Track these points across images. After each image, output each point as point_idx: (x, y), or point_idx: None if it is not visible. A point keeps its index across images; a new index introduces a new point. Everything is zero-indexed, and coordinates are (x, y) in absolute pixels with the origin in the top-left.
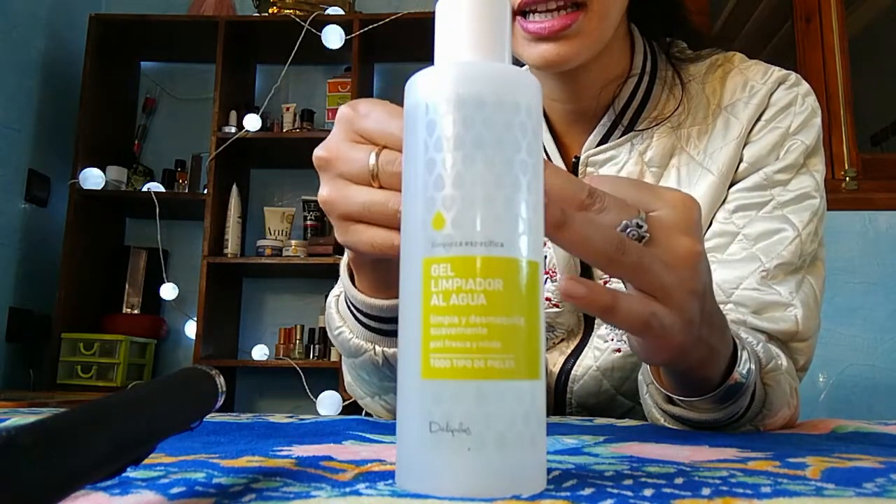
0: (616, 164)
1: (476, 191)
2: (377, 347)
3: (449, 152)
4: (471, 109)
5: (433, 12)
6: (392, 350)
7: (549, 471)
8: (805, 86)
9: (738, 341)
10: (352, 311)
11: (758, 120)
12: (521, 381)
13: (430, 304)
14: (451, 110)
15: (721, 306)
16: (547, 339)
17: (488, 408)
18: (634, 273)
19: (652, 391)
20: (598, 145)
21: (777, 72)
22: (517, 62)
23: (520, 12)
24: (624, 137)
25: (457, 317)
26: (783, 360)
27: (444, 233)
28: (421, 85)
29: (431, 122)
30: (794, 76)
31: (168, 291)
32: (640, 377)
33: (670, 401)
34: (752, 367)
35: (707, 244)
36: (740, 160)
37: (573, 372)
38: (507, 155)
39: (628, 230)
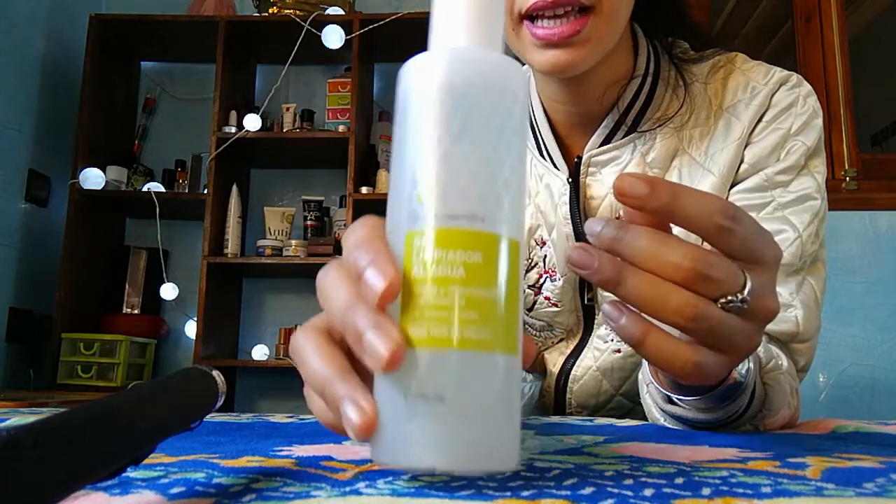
0: (618, 164)
1: (461, 168)
2: None
3: (437, 132)
4: (459, 93)
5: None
6: None
7: (549, 471)
8: (807, 87)
9: None
10: None
11: (759, 121)
12: (496, 355)
13: (411, 275)
14: (440, 93)
15: None
16: (546, 338)
17: (464, 377)
18: (705, 335)
19: (651, 391)
20: (601, 146)
21: (779, 73)
22: (519, 61)
23: (527, 17)
24: (627, 138)
25: (436, 287)
26: (784, 361)
27: (426, 207)
28: (413, 69)
29: (420, 104)
30: (795, 77)
31: (168, 291)
32: (639, 377)
33: (670, 401)
34: (751, 366)
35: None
36: (741, 161)
37: (573, 372)
38: (493, 137)
39: (731, 304)
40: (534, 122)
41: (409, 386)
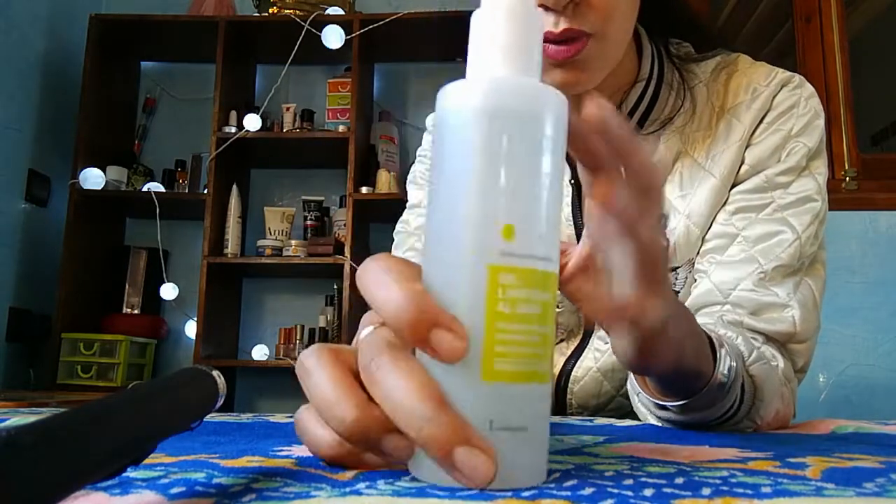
0: None
1: (540, 208)
2: None
3: (510, 167)
4: (518, 125)
5: (434, 13)
6: None
7: (549, 472)
8: (809, 88)
9: (715, 340)
10: None
11: (760, 122)
12: (547, 385)
13: (496, 310)
14: (502, 125)
15: (718, 307)
16: None
17: (538, 407)
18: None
19: (643, 399)
20: None
21: (781, 74)
22: None
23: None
24: None
25: (523, 324)
26: (779, 361)
27: (515, 245)
28: (462, 97)
29: (484, 135)
30: (797, 78)
31: (168, 291)
32: (628, 388)
33: (662, 407)
34: (734, 363)
35: (707, 245)
36: (742, 162)
37: (573, 373)
38: (551, 171)
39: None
40: None
41: (494, 417)
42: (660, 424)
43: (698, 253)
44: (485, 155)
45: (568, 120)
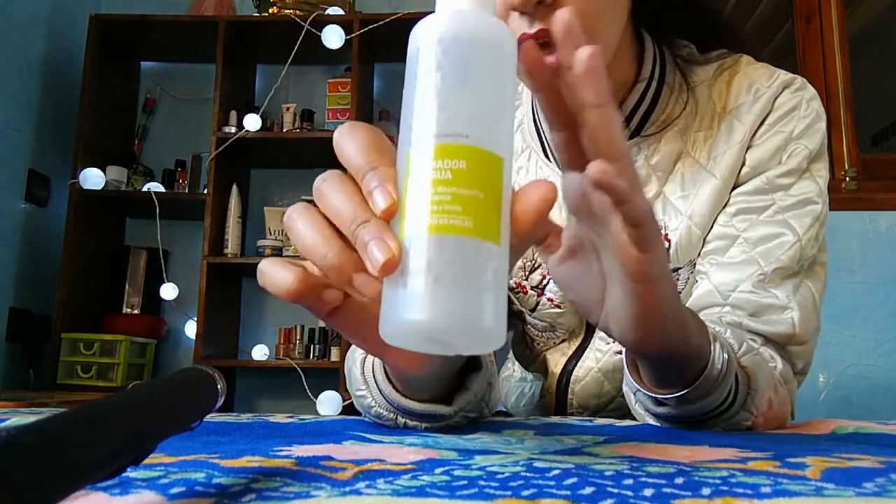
0: None
1: (449, 97)
2: (400, 419)
3: (435, 75)
4: (466, 46)
5: (430, 11)
6: (413, 423)
7: (549, 471)
8: (811, 90)
9: (709, 332)
10: (381, 392)
11: (761, 124)
12: (479, 240)
13: (408, 182)
14: (451, 47)
15: (718, 308)
16: (548, 339)
17: (449, 256)
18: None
19: (640, 398)
20: None
21: (783, 75)
22: None
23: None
24: (631, 142)
25: (429, 187)
26: (777, 363)
27: (423, 130)
28: (427, 27)
29: (425, 54)
30: (799, 80)
31: (168, 291)
32: (625, 389)
33: (659, 402)
34: (726, 355)
35: (708, 246)
36: (743, 164)
37: (574, 373)
38: (481, 77)
39: None
40: (539, 125)
41: (408, 268)
42: (657, 423)
43: (699, 254)
44: (410, 73)
45: (517, 49)
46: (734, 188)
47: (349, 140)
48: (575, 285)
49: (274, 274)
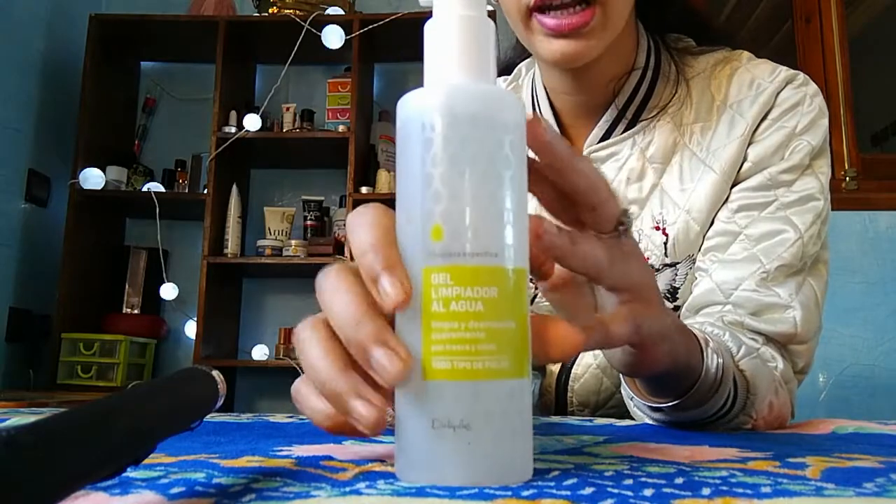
0: (618, 160)
1: (471, 205)
2: None
3: (445, 168)
4: (466, 128)
5: (430, 13)
6: None
7: (549, 471)
8: (813, 86)
9: (700, 339)
10: None
11: (763, 119)
12: (513, 381)
13: (430, 310)
14: (447, 129)
15: (720, 307)
16: None
17: (486, 406)
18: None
19: (637, 403)
20: (602, 140)
21: (785, 71)
22: (525, 52)
23: (536, 9)
24: (626, 133)
25: (457, 322)
26: (778, 362)
27: (443, 245)
28: (416, 104)
29: (428, 140)
30: (802, 76)
31: (168, 291)
32: (622, 393)
33: (655, 409)
34: (721, 360)
35: (708, 243)
36: (744, 159)
37: (573, 371)
38: (499, 170)
39: (621, 227)
40: (538, 112)
41: (436, 416)
42: (656, 424)
43: (699, 249)
44: (407, 160)
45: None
46: (735, 184)
47: (357, 227)
48: (568, 309)
49: (307, 406)
